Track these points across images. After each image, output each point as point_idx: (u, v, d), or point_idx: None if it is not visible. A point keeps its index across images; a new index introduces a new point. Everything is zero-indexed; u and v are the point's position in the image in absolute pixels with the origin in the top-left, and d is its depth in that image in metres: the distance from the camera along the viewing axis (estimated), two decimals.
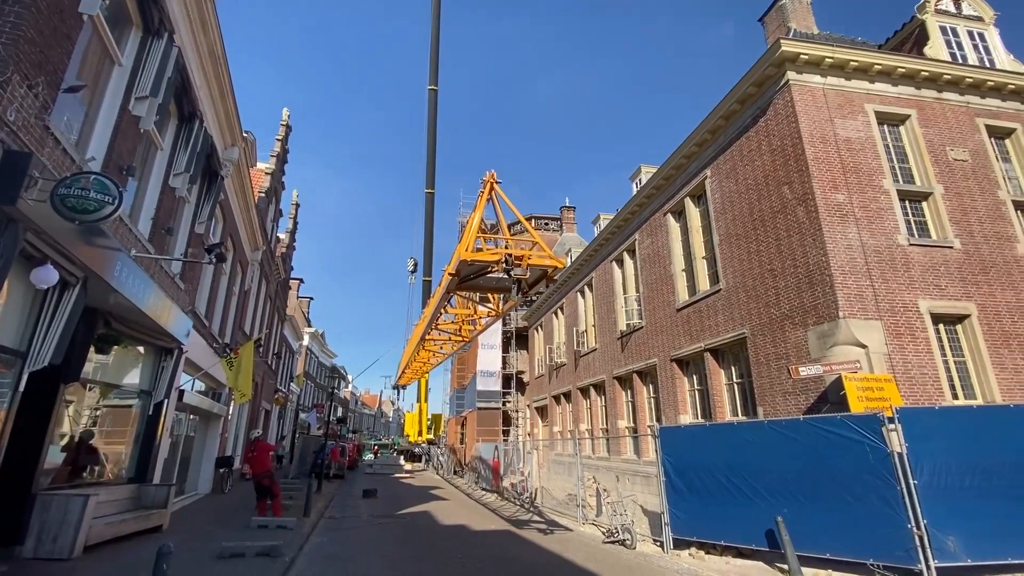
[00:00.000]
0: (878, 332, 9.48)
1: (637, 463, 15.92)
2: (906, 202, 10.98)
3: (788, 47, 10.93)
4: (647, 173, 19.68)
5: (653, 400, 16.55)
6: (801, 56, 11.03)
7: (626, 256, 19.17)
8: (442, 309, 13.13)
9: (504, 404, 32.41)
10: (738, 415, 12.39)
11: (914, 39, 13.35)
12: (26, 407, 6.00)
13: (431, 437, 41.41)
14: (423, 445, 41.18)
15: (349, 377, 63.27)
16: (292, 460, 24.21)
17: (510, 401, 32.58)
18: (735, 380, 12.76)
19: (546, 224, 40.10)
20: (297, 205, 29.90)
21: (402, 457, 40.66)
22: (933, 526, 6.63)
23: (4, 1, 4.84)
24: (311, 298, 47.91)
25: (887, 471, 7.00)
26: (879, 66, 11.47)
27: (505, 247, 9.68)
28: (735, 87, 12.30)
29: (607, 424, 19.51)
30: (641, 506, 11.84)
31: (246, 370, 12.62)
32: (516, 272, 8.88)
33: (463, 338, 16.41)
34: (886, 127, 11.60)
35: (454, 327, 15.59)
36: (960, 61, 12.54)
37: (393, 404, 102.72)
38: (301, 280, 41.99)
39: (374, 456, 38.73)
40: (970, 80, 11.96)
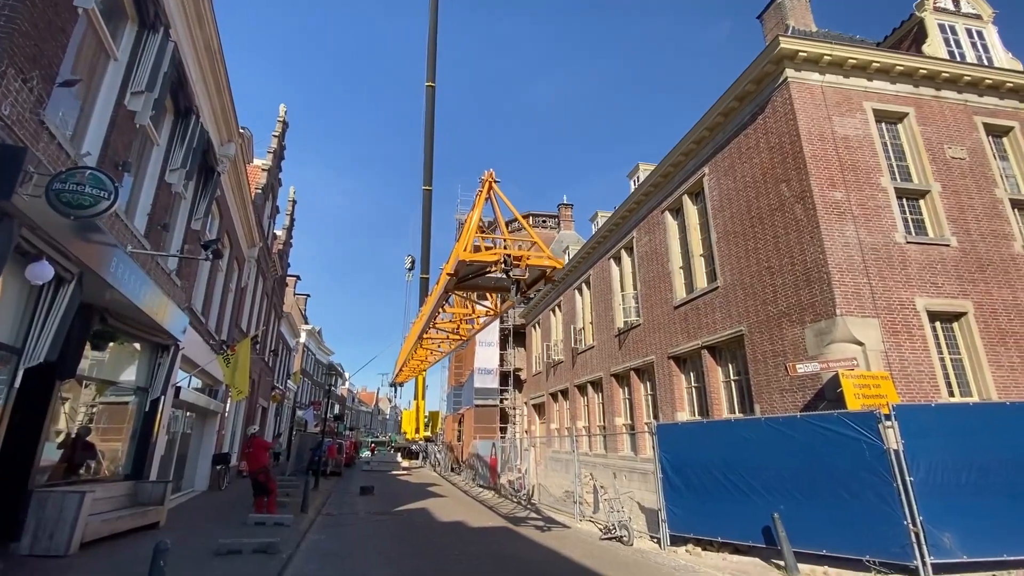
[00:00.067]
0: (875, 330, 9.51)
1: (634, 460, 15.95)
2: (903, 200, 11.01)
3: (787, 44, 10.92)
4: (645, 171, 19.68)
5: (650, 397, 16.58)
6: (800, 53, 11.03)
7: (624, 254, 19.17)
8: (440, 308, 13.10)
9: (501, 401, 32.43)
10: (735, 412, 12.42)
11: (912, 37, 13.37)
12: (22, 404, 5.97)
13: (428, 434, 41.39)
14: (420, 442, 41.20)
15: (346, 374, 63.19)
16: (289, 457, 24.18)
17: (507, 398, 32.60)
18: (732, 377, 12.79)
19: (544, 222, 40.06)
20: (294, 202, 29.78)
21: (399, 454, 40.65)
22: (929, 523, 6.67)
23: None
24: (308, 295, 47.82)
25: (883, 468, 7.03)
26: (877, 64, 11.48)
27: (504, 247, 9.65)
28: (734, 84, 12.29)
29: (604, 421, 19.54)
30: (638, 503, 11.87)
31: (243, 367, 12.59)
32: (515, 273, 8.84)
33: (461, 337, 16.39)
34: (884, 125, 11.61)
35: (452, 326, 15.57)
36: (958, 59, 12.57)
37: (390, 401, 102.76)
38: (298, 277, 41.87)
39: (371, 453, 38.76)
40: (968, 78, 11.98)
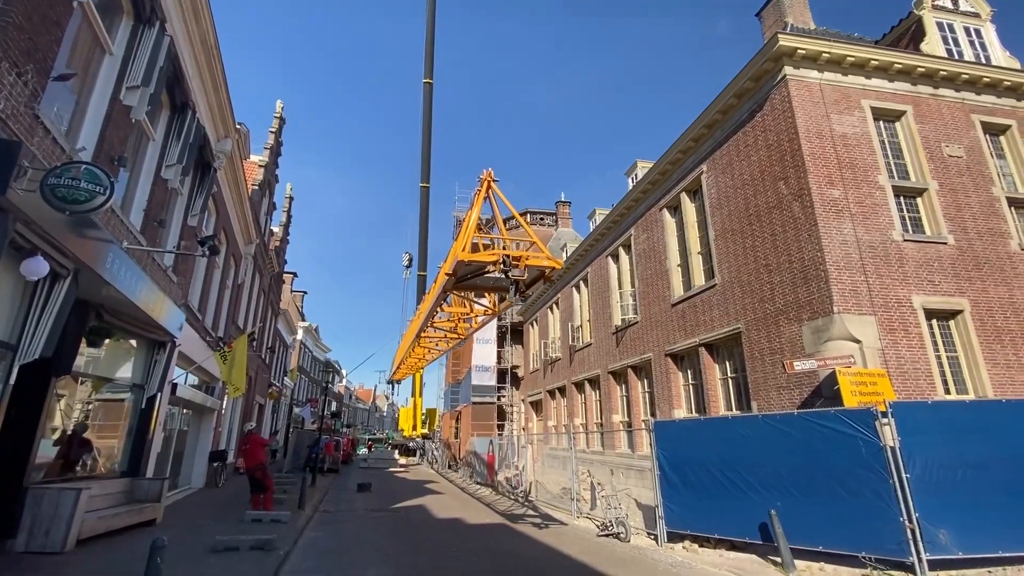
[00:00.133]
0: (872, 327, 9.54)
1: (631, 457, 15.98)
2: (901, 198, 11.03)
3: (785, 42, 10.91)
4: (643, 168, 19.67)
5: (647, 395, 16.60)
6: (798, 51, 11.02)
7: (622, 251, 19.17)
8: (438, 308, 13.06)
9: (499, 399, 32.44)
10: (732, 410, 12.45)
11: (911, 35, 13.38)
12: (17, 400, 5.92)
13: (426, 432, 41.33)
14: (417, 439, 41.20)
15: (343, 372, 63.11)
16: (286, 454, 24.16)
17: (505, 396, 32.62)
18: (729, 375, 12.81)
19: (541, 219, 40.04)
20: (291, 198, 29.67)
21: (396, 451, 40.70)
22: (925, 519, 6.70)
23: None
24: (305, 292, 47.67)
25: (880, 465, 7.05)
26: (876, 61, 11.48)
27: (503, 247, 9.61)
28: (732, 82, 12.28)
29: (601, 418, 19.58)
30: (635, 500, 11.90)
31: (240, 364, 12.55)
32: (514, 273, 8.76)
33: (459, 335, 16.35)
34: (882, 123, 11.63)
35: (450, 325, 15.52)
36: (956, 57, 12.57)
37: (387, 399, 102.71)
38: (295, 274, 41.76)
39: (368, 450, 38.76)
40: (966, 76, 12.00)
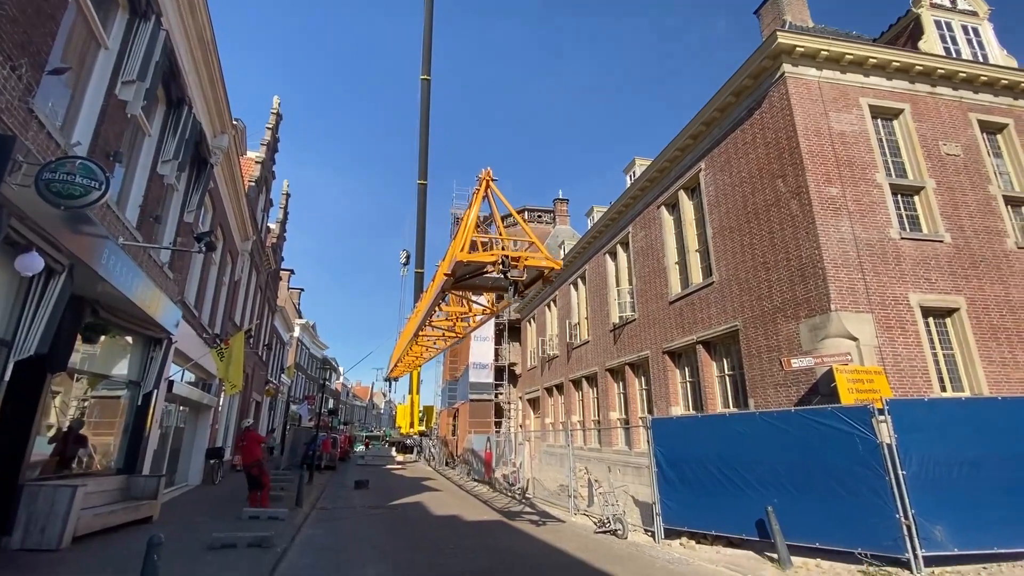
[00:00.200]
0: (869, 325, 9.56)
1: (628, 454, 16.02)
2: (898, 196, 11.05)
3: (784, 39, 10.91)
4: (641, 166, 19.66)
5: (645, 392, 16.63)
6: (797, 48, 11.02)
7: (619, 249, 19.18)
8: (436, 307, 13.02)
9: (496, 396, 32.47)
10: (729, 407, 12.48)
11: (909, 33, 13.39)
12: (12, 397, 5.89)
13: (423, 429, 41.31)
14: (415, 437, 41.12)
15: (341, 369, 63.05)
16: (283, 452, 24.13)
17: (502, 393, 32.65)
18: (727, 372, 12.84)
19: (539, 216, 40.00)
20: (288, 195, 29.54)
21: (394, 449, 40.63)
22: (921, 516, 6.72)
23: None
24: (302, 289, 47.54)
25: (876, 462, 7.07)
26: (874, 59, 11.49)
27: (501, 248, 9.58)
28: (731, 79, 12.27)
29: (599, 416, 19.61)
30: (632, 496, 11.92)
31: (236, 361, 12.52)
32: (513, 274, 8.72)
33: (456, 334, 16.32)
34: (880, 121, 11.64)
35: (448, 324, 15.50)
36: (954, 56, 12.59)
37: (385, 396, 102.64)
38: (292, 271, 41.66)
39: (365, 448, 38.71)
40: (964, 75, 12.02)
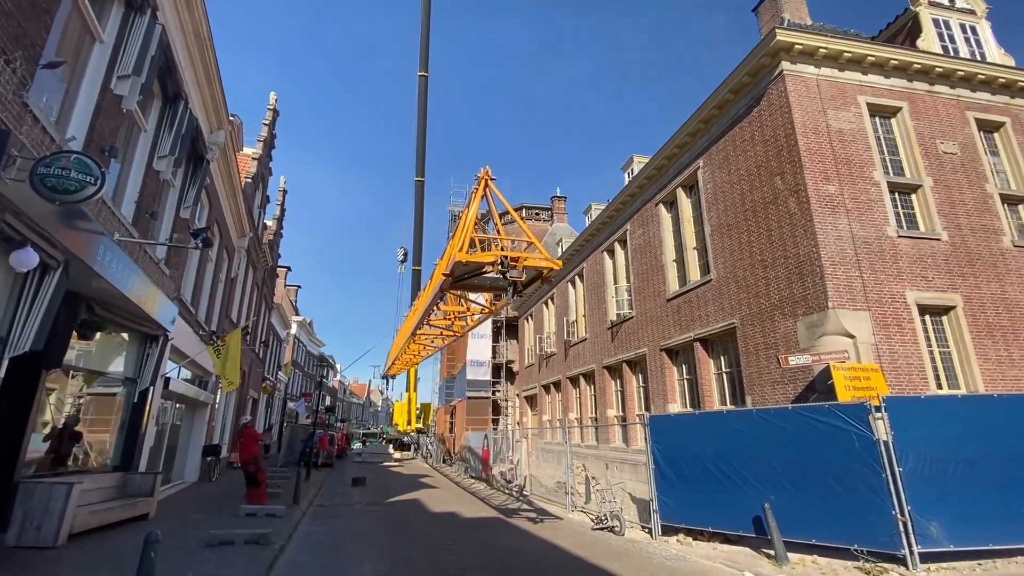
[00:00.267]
0: (866, 322, 9.59)
1: (625, 451, 16.06)
2: (896, 194, 11.08)
3: (783, 37, 10.90)
4: (639, 163, 19.64)
5: (642, 389, 16.66)
6: (796, 46, 11.02)
7: (617, 246, 19.18)
8: (434, 307, 12.99)
9: (494, 393, 32.49)
10: (727, 404, 12.51)
11: (907, 32, 13.39)
12: (7, 394, 5.86)
13: (420, 426, 41.38)
14: (412, 434, 41.19)
15: (338, 366, 62.96)
16: (280, 449, 24.10)
17: (500, 390, 32.67)
18: (724, 370, 12.87)
19: (537, 214, 39.97)
20: (284, 192, 29.45)
21: (391, 446, 40.67)
22: (917, 512, 6.76)
23: None
24: (299, 286, 47.47)
25: (873, 459, 7.10)
26: (872, 57, 11.49)
27: (500, 248, 9.55)
28: (729, 76, 12.26)
29: (596, 413, 19.64)
30: (629, 493, 11.95)
31: (233, 358, 12.45)
32: (512, 274, 8.69)
33: (455, 333, 16.31)
34: (878, 119, 11.66)
35: (446, 323, 15.48)
36: (952, 54, 12.60)
37: (382, 393, 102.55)
38: (289, 268, 41.57)
39: (363, 445, 38.69)
40: (961, 73, 12.04)
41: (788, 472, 7.93)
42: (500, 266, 8.63)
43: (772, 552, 7.40)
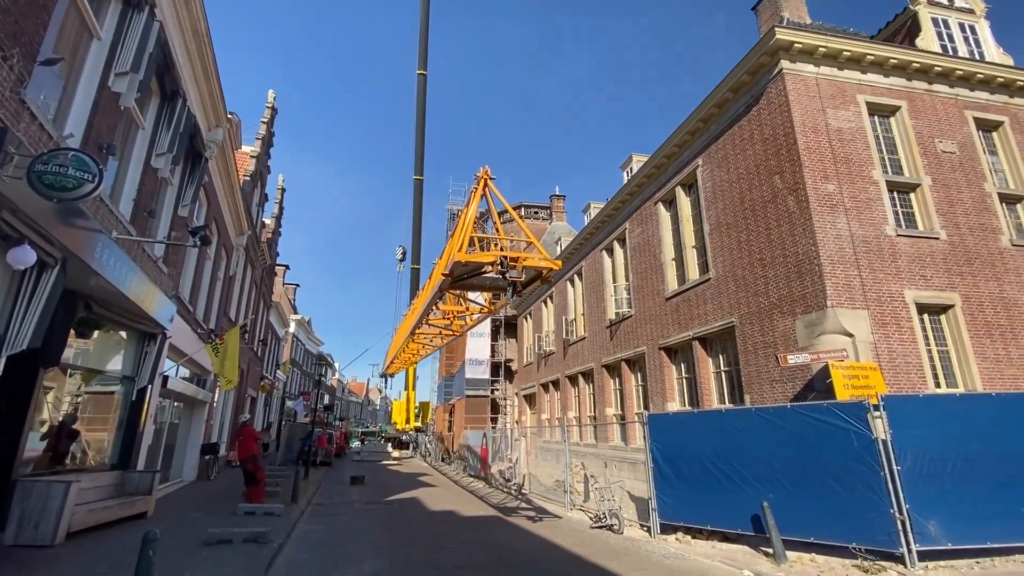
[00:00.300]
0: (864, 321, 9.60)
1: (624, 450, 16.07)
2: (894, 193, 11.08)
3: (783, 35, 10.89)
4: (638, 161, 19.62)
5: (641, 388, 16.67)
6: (795, 45, 11.01)
7: (616, 245, 19.18)
8: (433, 306, 12.97)
9: (492, 392, 32.49)
10: (725, 403, 12.52)
11: (906, 31, 13.40)
12: (4, 392, 5.85)
13: (419, 425, 41.41)
14: (411, 433, 41.21)
15: (337, 365, 62.92)
16: (278, 448, 24.10)
17: (498, 389, 32.66)
18: (723, 368, 12.88)
19: (536, 213, 39.96)
20: (283, 190, 29.40)
21: (389, 445, 40.68)
22: (915, 511, 6.77)
23: None
24: (297, 285, 47.45)
25: (871, 457, 7.12)
26: (872, 56, 11.49)
27: (499, 248, 9.53)
28: (728, 75, 12.26)
29: (595, 412, 19.65)
30: (628, 492, 11.96)
31: (232, 356, 12.43)
32: (511, 274, 8.67)
33: (453, 332, 16.30)
34: (877, 118, 11.66)
35: (445, 322, 15.47)
36: (951, 53, 12.60)
37: (380, 392, 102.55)
38: (287, 267, 41.53)
39: (361, 444, 38.66)
40: (960, 72, 12.04)
41: (787, 470, 7.94)
42: (499, 266, 8.61)
43: (771, 550, 7.41)
